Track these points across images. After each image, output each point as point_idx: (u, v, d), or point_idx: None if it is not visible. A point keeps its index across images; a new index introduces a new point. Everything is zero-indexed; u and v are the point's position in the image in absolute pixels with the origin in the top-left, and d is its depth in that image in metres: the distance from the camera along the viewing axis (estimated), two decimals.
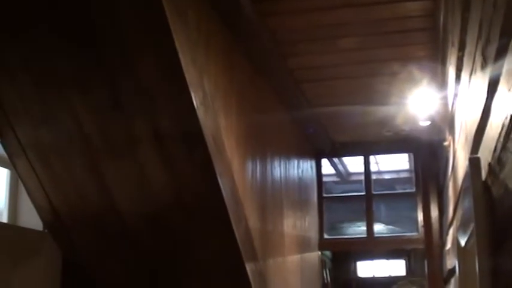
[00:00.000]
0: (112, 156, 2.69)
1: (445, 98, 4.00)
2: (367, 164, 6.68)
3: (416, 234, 6.46)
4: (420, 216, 6.36)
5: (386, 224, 8.44)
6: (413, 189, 6.65)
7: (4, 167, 3.10)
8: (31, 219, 3.10)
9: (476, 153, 1.76)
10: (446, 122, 4.07)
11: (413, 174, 6.88)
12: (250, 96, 3.69)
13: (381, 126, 5.61)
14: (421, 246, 6.44)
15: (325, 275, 7.29)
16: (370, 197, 6.57)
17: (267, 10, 3.37)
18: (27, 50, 2.43)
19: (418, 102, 4.42)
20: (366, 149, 6.56)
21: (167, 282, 3.15)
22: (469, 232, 1.88)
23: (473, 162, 1.55)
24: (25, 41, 2.40)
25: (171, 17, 2.28)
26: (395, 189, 8.85)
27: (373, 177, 7.17)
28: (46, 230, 3.07)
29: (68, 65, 2.43)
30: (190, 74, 2.43)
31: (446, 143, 4.02)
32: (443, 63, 3.79)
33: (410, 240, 6.66)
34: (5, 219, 3.10)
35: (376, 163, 8.35)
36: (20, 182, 3.05)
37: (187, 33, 2.47)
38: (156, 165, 2.67)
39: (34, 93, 2.55)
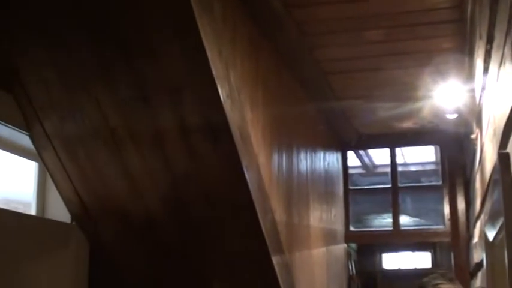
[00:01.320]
0: (138, 148, 2.70)
1: (472, 91, 3.97)
2: (393, 156, 6.64)
3: (443, 227, 6.41)
4: (446, 209, 6.31)
5: (412, 216, 8.38)
6: (440, 182, 6.59)
7: (32, 160, 3.13)
8: (58, 212, 3.13)
9: (505, 148, 1.74)
10: (473, 114, 4.04)
11: (439, 167, 6.82)
12: (275, 88, 3.68)
13: (408, 118, 5.58)
14: (447, 239, 6.39)
15: (350, 267, 7.26)
16: (396, 190, 6.53)
17: (294, 2, 3.36)
18: (54, 45, 2.45)
19: (444, 94, 4.39)
20: (392, 141, 6.51)
21: (192, 273, 3.16)
22: (497, 226, 1.86)
23: (503, 158, 1.54)
24: (52, 37, 2.42)
25: (197, 9, 2.28)
26: (421, 182, 8.78)
27: (399, 169, 7.11)
28: (74, 222, 3.10)
29: (93, 59, 2.45)
30: (216, 67, 2.43)
31: (473, 136, 3.98)
32: (471, 55, 3.75)
33: (436, 233, 6.61)
34: (33, 212, 3.13)
35: (402, 155, 8.29)
36: (47, 175, 3.08)
37: (213, 26, 2.47)
38: (182, 157, 2.68)
39: (61, 88, 2.57)
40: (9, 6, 2.34)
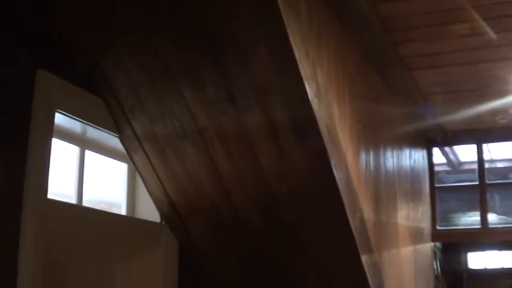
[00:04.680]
0: (226, 149, 2.72)
1: None
2: (480, 152, 6.46)
3: None
4: None
5: (500, 214, 8.17)
6: None
7: (122, 161, 3.20)
8: (148, 213, 3.19)
9: None
10: None
11: None
12: (360, 86, 3.65)
13: (495, 113, 5.43)
14: None
15: (435, 266, 7.12)
16: (483, 187, 6.36)
17: None
18: (142, 47, 2.49)
19: None
20: (479, 137, 6.35)
21: (282, 273, 3.16)
22: None
23: None
24: (139, 38, 2.46)
25: (284, 9, 2.28)
26: (509, 178, 8.56)
27: (486, 166, 6.93)
28: (163, 222, 3.15)
29: (180, 61, 2.48)
30: (304, 66, 2.42)
31: None
32: None
33: None
34: (123, 213, 3.21)
35: (489, 151, 8.08)
36: (137, 176, 3.14)
37: (299, 25, 2.46)
38: (270, 157, 2.69)
39: (149, 90, 2.62)
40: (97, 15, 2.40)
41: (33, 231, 2.22)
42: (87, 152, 2.95)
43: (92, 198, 3.01)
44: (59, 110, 2.50)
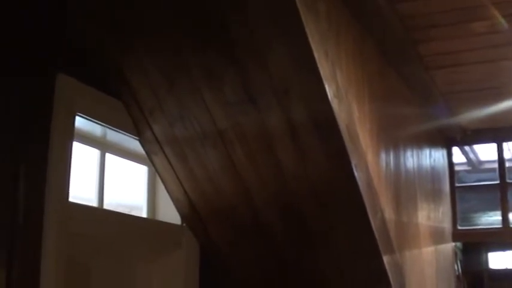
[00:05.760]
0: (246, 150, 2.72)
1: None
2: (500, 151, 6.41)
3: None
4: None
5: None
6: None
7: (143, 164, 3.21)
8: (168, 215, 3.20)
9: None
10: None
11: None
12: (379, 86, 3.64)
13: None
14: None
15: (456, 266, 7.08)
16: (504, 186, 6.31)
17: None
18: (160, 49, 2.50)
19: None
20: (499, 135, 6.30)
21: (303, 274, 3.16)
22: None
23: None
24: (158, 40, 2.47)
25: (302, 9, 2.27)
26: None
27: (506, 164, 6.87)
28: (184, 224, 3.16)
29: (200, 62, 2.48)
30: (323, 66, 2.42)
31: None
32: None
33: None
34: (144, 215, 3.22)
35: (509, 150, 8.03)
36: (157, 178, 3.15)
37: (318, 25, 2.46)
38: (290, 157, 2.68)
39: (168, 93, 2.62)
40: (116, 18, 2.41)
41: (55, 234, 2.23)
42: (108, 155, 2.96)
43: (112, 202, 3.02)
44: (79, 114, 2.51)
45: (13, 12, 2.16)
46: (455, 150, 6.86)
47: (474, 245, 9.26)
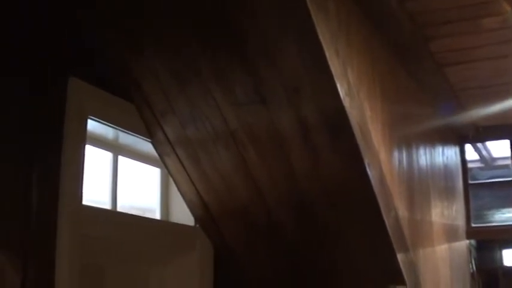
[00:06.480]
0: (258, 149, 2.72)
1: None
2: None
3: None
4: None
5: None
6: None
7: (155, 166, 3.22)
8: (181, 217, 3.21)
9: None
10: None
11: None
12: (391, 84, 3.62)
13: None
14: None
15: (470, 264, 7.05)
16: None
17: None
18: (171, 51, 2.50)
19: None
20: None
21: (316, 273, 3.15)
22: None
23: None
24: (168, 41, 2.47)
25: (312, 8, 2.27)
26: None
27: None
28: (197, 225, 3.16)
29: (210, 62, 2.48)
30: (334, 65, 2.41)
31: None
32: None
33: None
34: (158, 217, 3.22)
35: None
36: (170, 180, 3.15)
37: (328, 24, 2.45)
38: (302, 157, 2.68)
39: (179, 93, 2.62)
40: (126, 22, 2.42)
41: (69, 237, 2.24)
42: (120, 158, 2.97)
43: (125, 204, 3.03)
44: (92, 117, 2.52)
45: (26, 15, 2.17)
46: (468, 147, 6.83)
47: (488, 242, 9.21)
